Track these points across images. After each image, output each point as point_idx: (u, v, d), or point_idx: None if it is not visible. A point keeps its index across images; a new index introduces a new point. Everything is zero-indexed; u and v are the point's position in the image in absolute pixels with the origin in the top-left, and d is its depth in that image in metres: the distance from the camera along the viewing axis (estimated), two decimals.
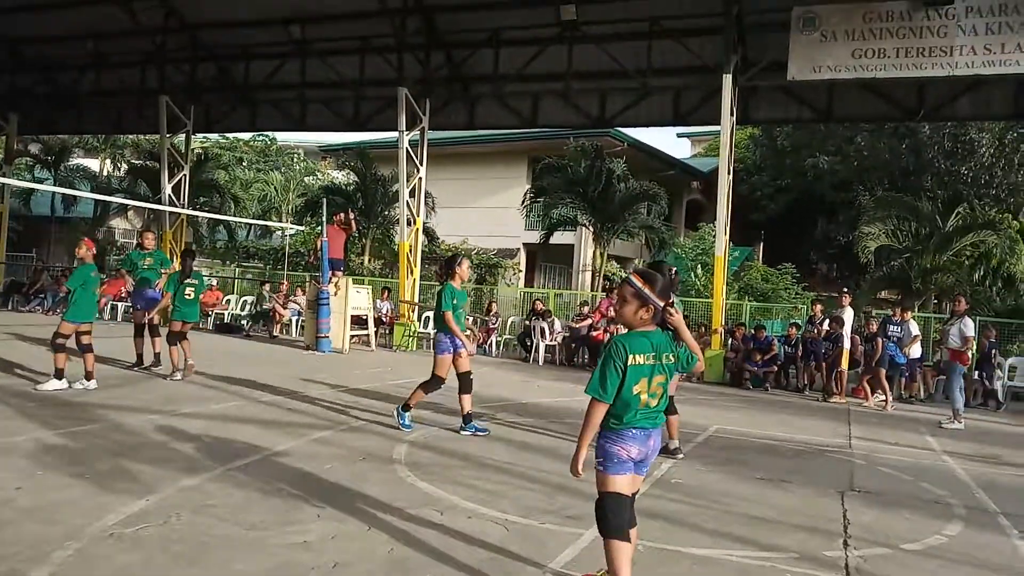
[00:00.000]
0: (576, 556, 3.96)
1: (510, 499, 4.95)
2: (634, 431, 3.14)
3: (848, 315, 12.45)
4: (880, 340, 12.03)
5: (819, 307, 13.84)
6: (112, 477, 4.78)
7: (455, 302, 6.87)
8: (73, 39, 19.14)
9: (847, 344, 12.34)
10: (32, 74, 20.86)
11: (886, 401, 11.77)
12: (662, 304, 3.16)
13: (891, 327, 12.10)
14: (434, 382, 6.89)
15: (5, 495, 4.26)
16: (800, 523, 4.80)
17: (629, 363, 3.08)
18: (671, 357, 3.22)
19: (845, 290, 13.60)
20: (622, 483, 3.15)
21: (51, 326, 8.48)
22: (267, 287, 18.70)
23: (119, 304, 18.41)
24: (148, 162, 26.82)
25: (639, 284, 3.18)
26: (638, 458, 3.18)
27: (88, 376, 8.01)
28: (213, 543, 3.78)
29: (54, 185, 26.08)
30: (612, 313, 14.77)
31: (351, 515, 4.38)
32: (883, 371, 11.88)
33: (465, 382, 7.07)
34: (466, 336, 7.17)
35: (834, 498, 5.54)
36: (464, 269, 7.07)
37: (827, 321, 12.90)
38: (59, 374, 7.81)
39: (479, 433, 6.95)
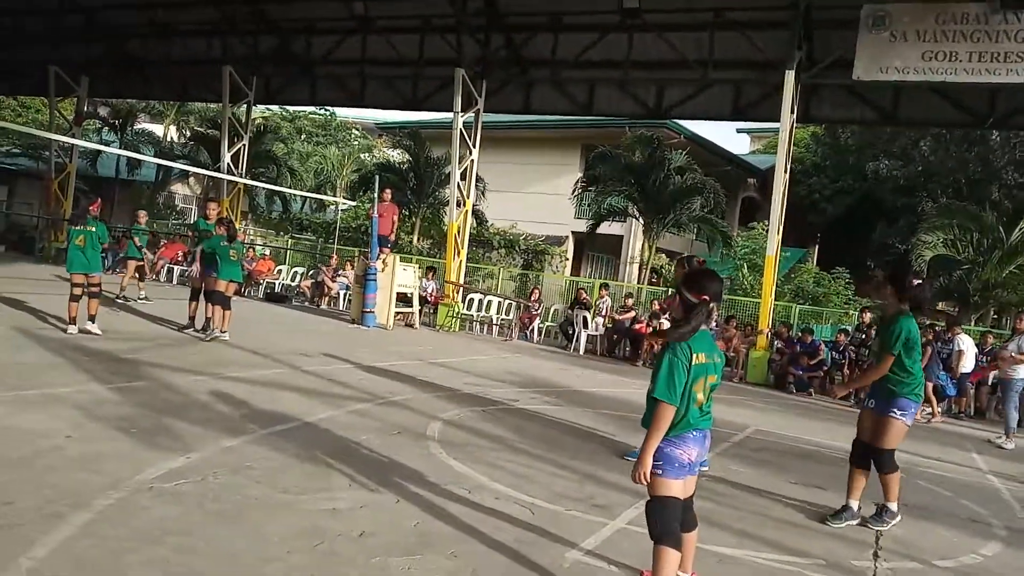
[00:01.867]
0: (598, 545, 3.99)
1: (539, 484, 4.98)
2: (695, 433, 3.11)
3: None
4: (931, 349, 11.72)
5: (869, 315, 13.51)
6: (156, 433, 4.96)
7: None
8: (144, 7, 19.63)
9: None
10: (104, 41, 21.47)
11: (932, 414, 11.49)
12: (712, 303, 3.13)
13: (939, 344, 11.78)
14: None
15: (55, 442, 4.46)
16: (830, 531, 4.74)
17: (694, 361, 3.05)
18: (718, 356, 3.21)
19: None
20: (678, 487, 3.10)
21: (110, 284, 8.80)
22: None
23: (175, 267, 18.95)
24: (210, 130, 27.43)
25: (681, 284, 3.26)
26: (696, 460, 3.16)
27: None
28: (247, 503, 3.90)
29: (120, 148, 26.86)
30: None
31: (381, 486, 4.47)
32: (930, 384, 11.59)
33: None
34: None
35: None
36: None
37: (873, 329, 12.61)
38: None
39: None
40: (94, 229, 9.04)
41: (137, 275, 13.95)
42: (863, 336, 12.89)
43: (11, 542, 3.11)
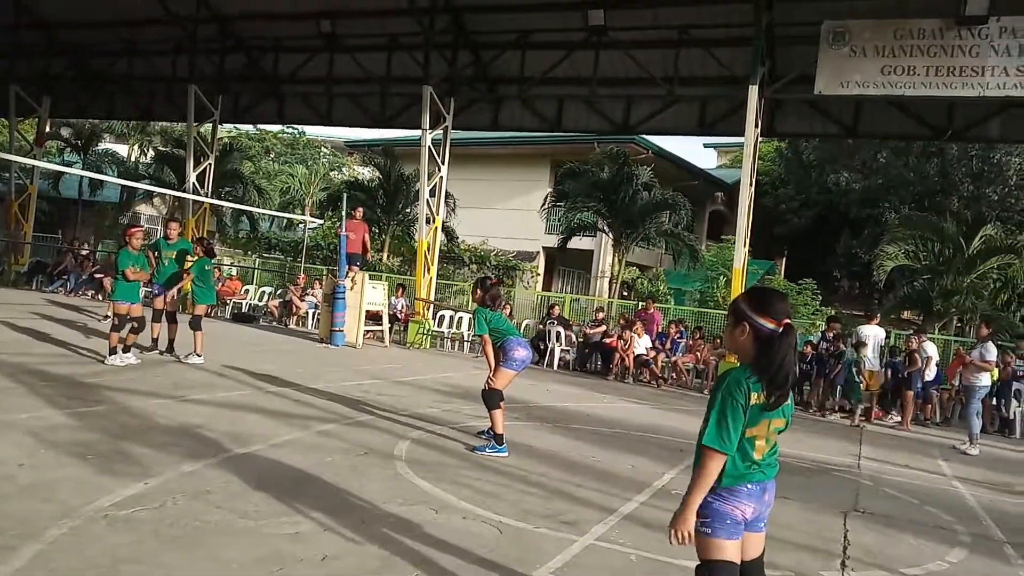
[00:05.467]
0: (567, 562, 3.93)
1: (507, 501, 4.93)
2: (750, 486, 2.59)
3: (870, 335, 12.15)
4: (918, 357, 11.89)
5: (837, 325, 13.62)
6: (113, 459, 4.82)
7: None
8: (107, 25, 19.43)
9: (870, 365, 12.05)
10: (66, 59, 21.18)
11: (903, 422, 11.66)
12: (780, 329, 2.57)
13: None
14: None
15: (7, 471, 4.31)
16: (798, 541, 4.74)
17: (752, 401, 2.54)
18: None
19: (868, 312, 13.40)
20: (732, 549, 2.58)
21: (74, 306, 8.62)
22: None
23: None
24: (175, 150, 27.14)
25: (746, 308, 2.64)
26: (752, 517, 2.63)
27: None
28: (205, 529, 3.80)
29: (82, 169, 26.47)
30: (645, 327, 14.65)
31: (346, 509, 4.38)
32: (910, 392, 11.78)
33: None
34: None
35: (836, 518, 5.46)
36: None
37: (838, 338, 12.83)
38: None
39: None
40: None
41: None
42: (829, 346, 12.99)
43: None
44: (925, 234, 18.60)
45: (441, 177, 16.76)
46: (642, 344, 14.27)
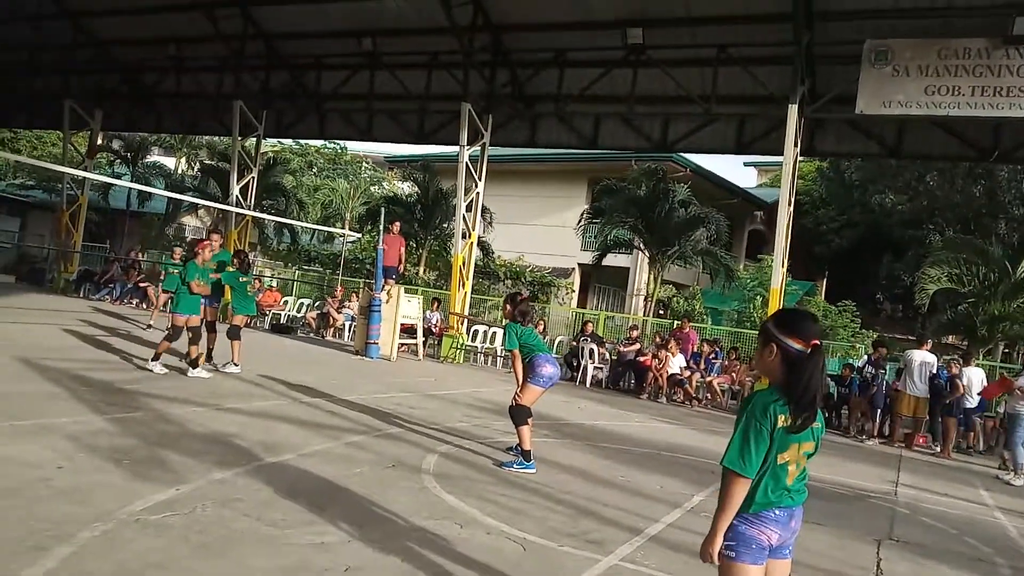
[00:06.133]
0: None
1: (533, 518, 4.92)
2: (777, 512, 2.55)
3: (918, 359, 11.87)
4: (960, 383, 11.60)
5: (884, 349, 13.27)
6: (148, 464, 4.93)
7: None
8: (157, 43, 20.04)
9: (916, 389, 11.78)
10: (118, 74, 21.89)
11: (945, 450, 11.36)
12: (808, 350, 2.54)
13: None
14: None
15: (44, 473, 4.44)
16: (829, 568, 4.65)
17: (779, 424, 2.50)
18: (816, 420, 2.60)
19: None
20: (755, 574, 2.56)
21: (119, 315, 8.85)
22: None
23: None
24: (220, 163, 27.77)
25: (774, 329, 2.61)
26: (777, 543, 2.58)
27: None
28: (233, 537, 3.86)
29: (131, 181, 27.23)
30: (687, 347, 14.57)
31: (372, 521, 4.42)
32: (952, 419, 11.49)
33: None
34: None
35: (869, 545, 5.34)
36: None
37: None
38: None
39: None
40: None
41: (166, 307, 14.25)
42: (874, 370, 12.70)
43: None
44: (970, 257, 18.14)
45: (478, 193, 16.88)
46: (676, 363, 14.15)
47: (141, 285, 19.22)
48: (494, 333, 16.50)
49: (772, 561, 2.60)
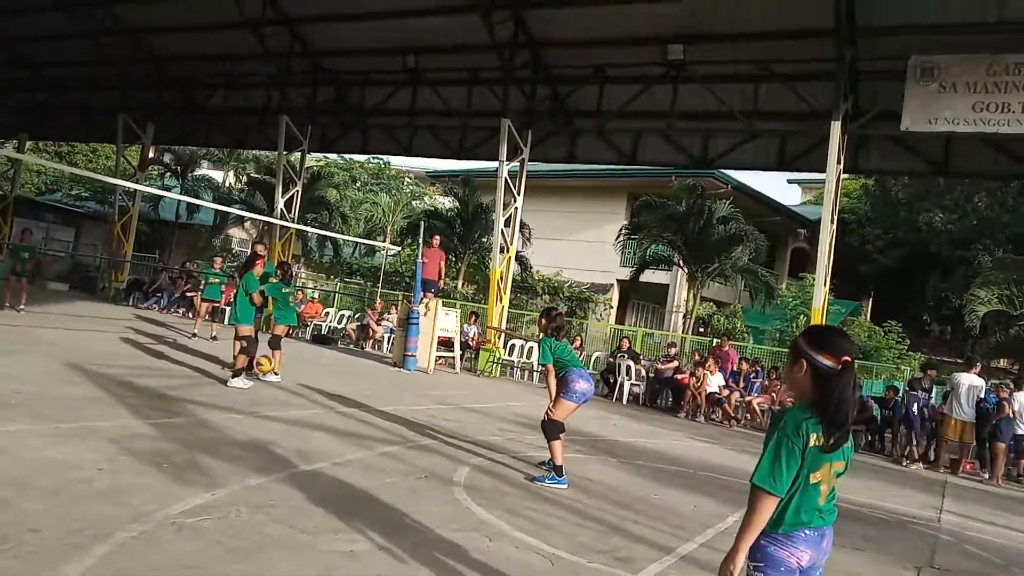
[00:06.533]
0: None
1: (562, 534, 4.91)
2: (808, 532, 2.49)
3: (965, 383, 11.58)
4: (1007, 406, 11.24)
5: (934, 372, 12.92)
6: (186, 469, 5.05)
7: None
8: (208, 59, 20.64)
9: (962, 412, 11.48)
10: (170, 90, 22.57)
11: (993, 476, 11.01)
12: (839, 367, 2.51)
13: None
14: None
15: (86, 474, 4.58)
16: None
17: (811, 443, 2.44)
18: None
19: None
20: None
21: (165, 323, 9.09)
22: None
23: (227, 308, 19.44)
24: (266, 176, 28.36)
25: (805, 345, 2.59)
26: (808, 564, 2.51)
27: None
28: (265, 542, 3.93)
29: (181, 193, 27.95)
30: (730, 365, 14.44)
31: (401, 530, 4.46)
32: (1001, 444, 11.13)
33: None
34: None
35: (909, 572, 5.21)
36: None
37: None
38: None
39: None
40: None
41: (210, 316, 14.58)
42: (925, 396, 12.38)
43: (32, 570, 3.19)
44: (1021, 278, 17.63)
45: (516, 208, 16.95)
46: (715, 382, 13.97)
47: (188, 295, 19.68)
48: (531, 348, 16.50)
49: None
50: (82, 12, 20.10)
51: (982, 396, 11.58)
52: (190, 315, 18.65)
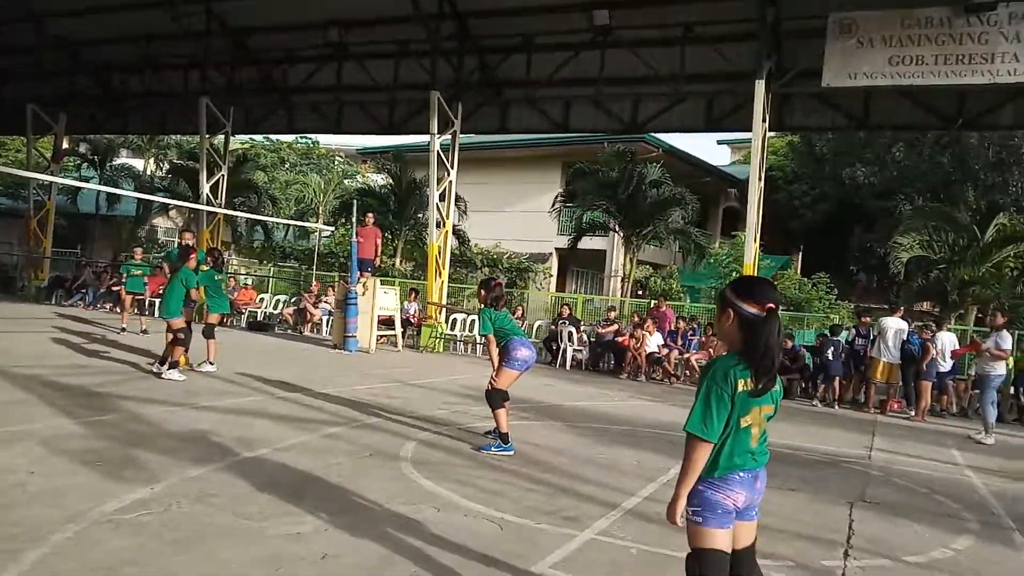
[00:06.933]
0: (567, 556, 3.96)
1: (510, 499, 4.96)
2: (741, 474, 2.59)
3: (892, 327, 12.12)
4: (931, 347, 11.77)
5: (869, 319, 13.39)
6: (122, 465, 4.91)
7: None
8: (121, 42, 19.72)
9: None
10: (81, 76, 21.52)
11: (919, 413, 11.57)
12: (763, 314, 2.58)
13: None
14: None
15: (17, 479, 4.41)
16: (802, 532, 4.73)
17: (740, 389, 2.54)
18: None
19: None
20: (722, 538, 2.58)
21: (92, 320, 8.75)
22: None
23: (157, 300, 18.85)
24: (189, 162, 27.45)
25: (731, 295, 2.67)
26: (743, 505, 2.62)
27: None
28: (208, 532, 3.86)
29: (99, 184, 26.85)
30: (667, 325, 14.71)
31: (349, 509, 4.44)
32: (922, 382, 11.68)
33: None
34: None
35: (842, 508, 5.44)
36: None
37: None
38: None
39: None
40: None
41: (136, 309, 14.11)
42: (864, 340, 12.84)
43: None
44: (939, 224, 18.41)
45: (451, 181, 16.82)
46: (654, 342, 14.25)
47: (114, 289, 18.99)
48: (473, 321, 16.50)
49: (739, 523, 2.65)
50: None
51: (905, 338, 12.10)
52: (117, 310, 18.02)
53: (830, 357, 12.54)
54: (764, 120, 13.46)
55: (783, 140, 29.21)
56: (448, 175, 16.72)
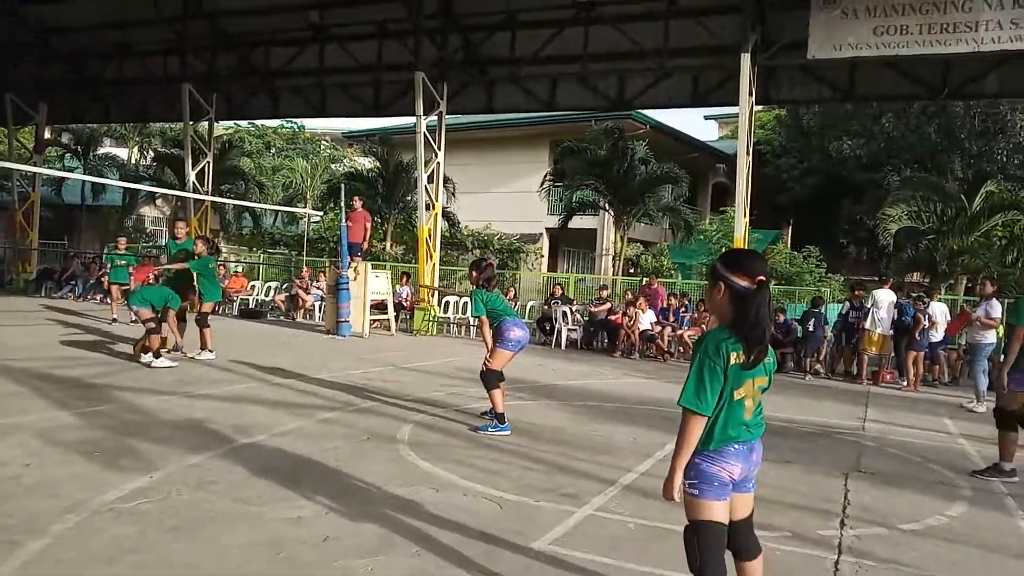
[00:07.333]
0: (566, 533, 3.99)
1: (508, 478, 4.99)
2: (736, 446, 2.61)
3: (884, 299, 12.19)
4: (922, 317, 11.84)
5: (863, 292, 13.42)
6: (119, 455, 4.90)
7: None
8: (98, 28, 19.43)
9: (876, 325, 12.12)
10: (61, 64, 21.21)
11: (910, 383, 11.67)
12: (754, 286, 2.59)
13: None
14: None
15: (13, 471, 4.40)
16: (797, 503, 4.78)
17: (732, 361, 2.55)
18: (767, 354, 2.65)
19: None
20: (719, 510, 2.60)
21: (82, 312, 8.69)
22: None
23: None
24: (174, 150, 27.19)
25: (722, 268, 2.67)
26: (740, 477, 2.64)
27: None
28: (208, 518, 3.87)
29: (84, 174, 26.56)
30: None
31: (348, 492, 4.45)
32: (913, 352, 11.76)
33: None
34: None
35: (837, 479, 5.50)
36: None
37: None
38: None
39: None
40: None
41: (124, 299, 14.02)
42: (858, 313, 12.89)
43: None
44: (927, 194, 18.46)
45: (438, 163, 16.74)
46: (646, 319, 14.29)
47: (103, 280, 18.86)
48: (465, 303, 16.48)
49: (736, 495, 2.68)
50: None
51: (897, 309, 12.18)
52: (107, 301, 17.91)
53: (811, 328, 12.66)
54: (750, 94, 13.43)
55: (770, 114, 29.17)
56: (436, 157, 16.63)
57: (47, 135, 24.24)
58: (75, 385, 7.26)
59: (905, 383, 11.90)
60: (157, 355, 8.75)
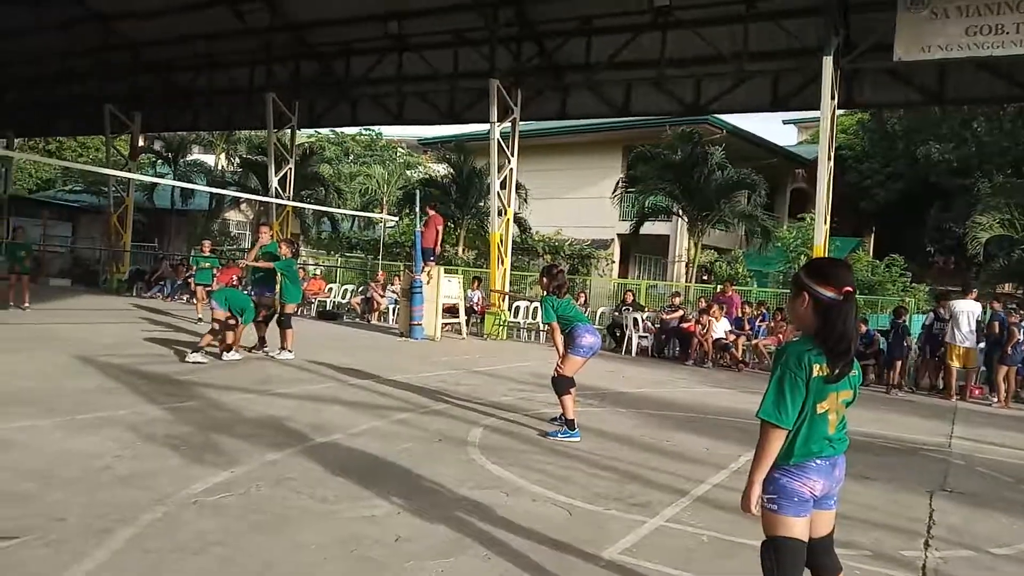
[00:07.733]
0: (637, 543, 3.96)
1: (578, 485, 4.98)
2: (819, 462, 2.53)
3: (964, 310, 11.65)
4: (1016, 331, 11.25)
5: (944, 303, 12.87)
6: (204, 450, 5.12)
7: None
8: (187, 41, 20.31)
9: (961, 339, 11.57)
10: (152, 76, 22.28)
11: (1000, 399, 11.10)
12: (841, 297, 2.52)
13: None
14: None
15: (106, 462, 4.64)
16: (879, 521, 4.61)
17: (815, 374, 2.48)
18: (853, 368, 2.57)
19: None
20: (799, 527, 2.52)
21: (170, 311, 9.11)
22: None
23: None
24: (258, 156, 28.18)
25: (806, 277, 2.60)
26: (821, 493, 2.56)
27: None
28: (287, 514, 4.00)
29: (174, 179, 27.82)
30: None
31: (419, 493, 4.53)
32: (1005, 367, 11.18)
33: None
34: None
35: (922, 497, 5.28)
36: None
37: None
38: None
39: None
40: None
41: (208, 299, 14.64)
42: (942, 325, 12.35)
43: (62, 556, 3.25)
44: (1021, 202, 17.52)
45: (511, 169, 16.86)
46: (720, 328, 14.02)
47: (189, 281, 19.69)
48: (535, 308, 16.52)
49: (817, 512, 2.60)
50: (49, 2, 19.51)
51: (978, 319, 11.65)
52: (193, 301, 18.70)
53: (890, 340, 12.18)
54: (833, 97, 13.06)
55: (852, 118, 28.22)
56: (508, 163, 16.75)
57: (140, 143, 25.53)
58: (164, 381, 7.61)
59: (996, 399, 11.32)
60: (227, 349, 9.25)
